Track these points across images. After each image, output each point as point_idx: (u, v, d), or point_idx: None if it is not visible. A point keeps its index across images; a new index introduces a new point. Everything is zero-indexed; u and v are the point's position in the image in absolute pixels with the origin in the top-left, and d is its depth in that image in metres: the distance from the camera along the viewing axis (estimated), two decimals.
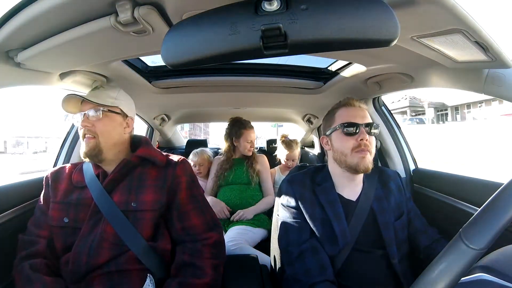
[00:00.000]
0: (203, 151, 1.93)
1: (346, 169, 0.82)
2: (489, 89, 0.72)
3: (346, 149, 0.81)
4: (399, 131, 1.41)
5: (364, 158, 0.78)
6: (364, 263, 0.79)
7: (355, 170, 0.80)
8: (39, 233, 0.79)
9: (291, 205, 0.87)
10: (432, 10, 0.51)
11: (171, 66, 0.47)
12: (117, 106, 0.85)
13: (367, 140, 0.79)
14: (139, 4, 0.55)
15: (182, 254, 0.79)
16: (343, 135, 0.82)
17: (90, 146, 0.79)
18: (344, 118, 0.83)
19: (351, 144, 0.80)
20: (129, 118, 0.89)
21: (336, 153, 0.84)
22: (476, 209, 0.49)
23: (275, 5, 0.40)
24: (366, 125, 0.81)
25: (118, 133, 0.85)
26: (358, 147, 0.79)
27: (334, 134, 0.85)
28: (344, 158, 0.81)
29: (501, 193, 0.47)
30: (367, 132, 0.80)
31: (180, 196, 0.83)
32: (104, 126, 0.81)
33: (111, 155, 0.83)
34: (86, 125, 0.80)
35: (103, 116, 0.81)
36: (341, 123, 0.82)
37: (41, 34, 0.65)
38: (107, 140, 0.81)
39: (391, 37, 0.41)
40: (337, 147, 0.84)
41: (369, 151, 0.79)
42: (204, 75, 1.30)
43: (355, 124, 0.80)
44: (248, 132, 1.71)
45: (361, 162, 0.78)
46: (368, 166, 0.79)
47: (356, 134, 0.80)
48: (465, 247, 0.44)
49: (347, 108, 0.85)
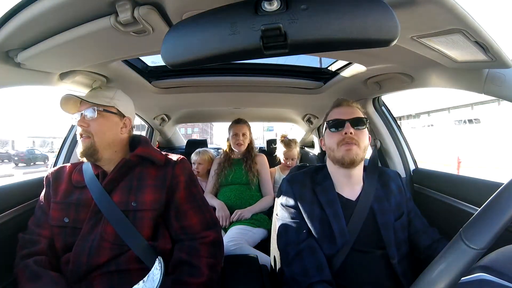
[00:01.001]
0: (205, 151, 1.93)
1: (337, 164, 0.85)
2: (489, 89, 0.72)
3: (333, 144, 0.85)
4: (399, 131, 1.41)
5: (350, 150, 0.81)
6: (363, 263, 0.79)
7: (342, 163, 0.83)
8: (40, 232, 0.79)
9: (290, 205, 0.87)
10: (432, 10, 0.51)
11: (171, 66, 0.47)
12: (113, 106, 0.85)
13: (351, 133, 0.82)
14: (139, 4, 0.55)
15: (180, 252, 0.79)
16: (330, 132, 0.87)
17: (85, 145, 0.80)
18: (331, 117, 0.89)
19: (336, 139, 0.84)
20: (126, 118, 0.89)
21: (327, 150, 0.89)
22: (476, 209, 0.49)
23: (275, 5, 0.40)
24: (352, 120, 0.84)
25: (113, 133, 0.85)
26: (343, 141, 0.82)
27: (325, 133, 0.90)
28: (332, 153, 0.85)
29: (501, 193, 0.47)
30: (354, 126, 0.83)
31: (179, 195, 0.83)
32: (98, 126, 0.81)
33: (107, 154, 0.83)
34: (82, 124, 0.80)
35: (98, 116, 0.81)
36: (327, 121, 0.89)
37: (41, 34, 0.65)
38: (101, 140, 0.81)
39: (391, 37, 0.41)
40: (327, 144, 0.88)
41: (355, 144, 0.82)
42: (204, 75, 1.30)
43: (339, 120, 0.85)
44: (235, 127, 1.74)
45: (345, 155, 0.81)
46: (353, 158, 0.81)
47: (342, 129, 0.83)
48: (465, 247, 0.44)
49: (337, 108, 0.90)
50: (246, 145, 1.75)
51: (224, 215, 1.52)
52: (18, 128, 63.87)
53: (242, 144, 1.72)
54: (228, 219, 1.51)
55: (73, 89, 1.01)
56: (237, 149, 1.74)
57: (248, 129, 1.77)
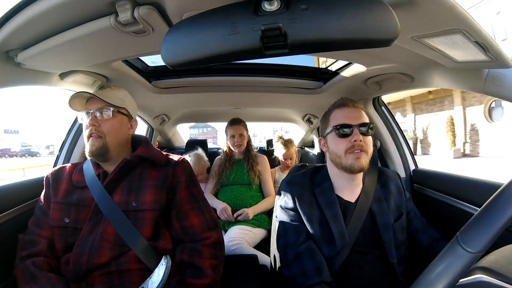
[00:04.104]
0: (199, 159, 1.83)
1: (342, 170, 0.82)
2: (489, 89, 0.72)
3: (340, 151, 0.80)
4: (399, 131, 1.41)
5: (359, 158, 0.78)
6: (363, 264, 0.79)
7: (350, 171, 0.80)
8: (40, 233, 0.79)
9: (289, 207, 0.87)
10: (432, 10, 0.51)
11: (171, 66, 0.47)
12: (124, 108, 0.86)
13: (361, 141, 0.78)
14: (139, 4, 0.55)
15: (181, 254, 0.79)
16: (337, 137, 0.82)
17: (97, 145, 0.80)
18: (338, 120, 0.83)
19: (344, 146, 0.80)
20: (133, 120, 0.91)
21: (331, 154, 0.85)
22: (476, 209, 0.49)
23: (275, 5, 0.40)
24: (360, 125, 0.80)
25: (123, 134, 0.86)
26: (352, 148, 0.79)
27: (329, 136, 0.85)
28: (339, 159, 0.81)
29: (497, 197, 0.47)
30: (363, 132, 0.80)
31: (179, 196, 0.83)
32: (112, 126, 0.82)
33: (115, 155, 0.83)
34: (94, 124, 0.80)
35: (112, 116, 0.82)
36: (334, 125, 0.82)
37: (41, 34, 0.65)
38: (114, 140, 0.82)
39: (391, 37, 0.41)
40: (332, 149, 0.84)
41: (364, 151, 0.79)
42: (204, 75, 1.30)
43: (348, 126, 0.80)
44: (231, 128, 1.74)
45: (355, 163, 0.78)
46: (363, 166, 0.78)
47: (350, 135, 0.79)
48: (462, 250, 0.44)
49: (341, 109, 0.85)
50: (245, 145, 1.75)
51: (227, 214, 1.51)
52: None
53: (240, 144, 1.72)
54: (230, 217, 1.51)
55: (73, 89, 1.01)
56: (236, 150, 1.74)
57: (245, 129, 1.77)
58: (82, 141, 1.14)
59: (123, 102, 0.86)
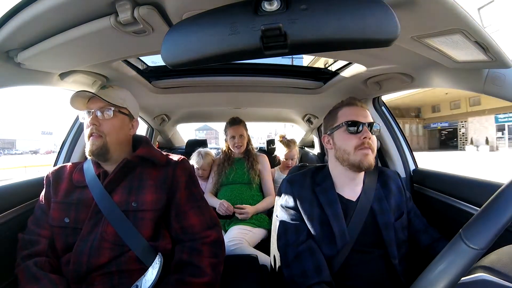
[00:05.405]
0: (208, 155, 1.85)
1: (348, 167, 0.82)
2: (489, 89, 0.72)
3: (349, 147, 0.81)
4: (399, 131, 1.41)
5: (368, 155, 0.79)
6: (364, 264, 0.79)
7: (358, 168, 0.80)
8: (40, 232, 0.79)
9: (290, 206, 0.87)
10: (432, 10, 0.51)
11: (171, 66, 0.47)
12: (125, 107, 0.86)
13: (369, 139, 0.80)
14: (139, 4, 0.55)
15: (181, 253, 0.79)
16: (347, 133, 0.82)
17: (98, 145, 0.80)
18: (348, 116, 0.84)
19: (354, 142, 0.80)
20: (134, 120, 0.91)
21: (338, 151, 0.84)
22: (476, 209, 0.49)
23: (275, 5, 0.40)
24: (368, 124, 0.81)
25: (124, 134, 0.86)
26: (361, 145, 0.80)
27: (337, 132, 0.85)
28: (347, 156, 0.82)
29: (501, 193, 0.47)
30: (370, 130, 0.81)
31: (179, 196, 0.83)
32: (112, 125, 0.82)
33: (116, 155, 0.83)
34: (94, 123, 0.80)
35: (113, 116, 0.82)
36: (344, 121, 0.83)
37: (41, 34, 0.65)
38: (114, 140, 0.82)
39: (391, 37, 0.41)
40: (339, 145, 0.84)
41: (371, 149, 0.80)
42: (204, 75, 1.30)
43: (358, 123, 0.81)
44: (230, 129, 1.72)
45: (364, 159, 0.79)
46: (372, 163, 0.80)
47: (359, 132, 0.80)
48: (465, 247, 0.44)
49: (350, 107, 0.86)
50: (245, 145, 1.74)
51: (226, 206, 1.50)
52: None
53: (241, 145, 1.71)
54: (230, 207, 1.50)
55: (73, 89, 1.01)
56: (236, 151, 1.73)
57: (245, 129, 1.75)
58: (83, 140, 1.14)
59: (125, 102, 0.86)
